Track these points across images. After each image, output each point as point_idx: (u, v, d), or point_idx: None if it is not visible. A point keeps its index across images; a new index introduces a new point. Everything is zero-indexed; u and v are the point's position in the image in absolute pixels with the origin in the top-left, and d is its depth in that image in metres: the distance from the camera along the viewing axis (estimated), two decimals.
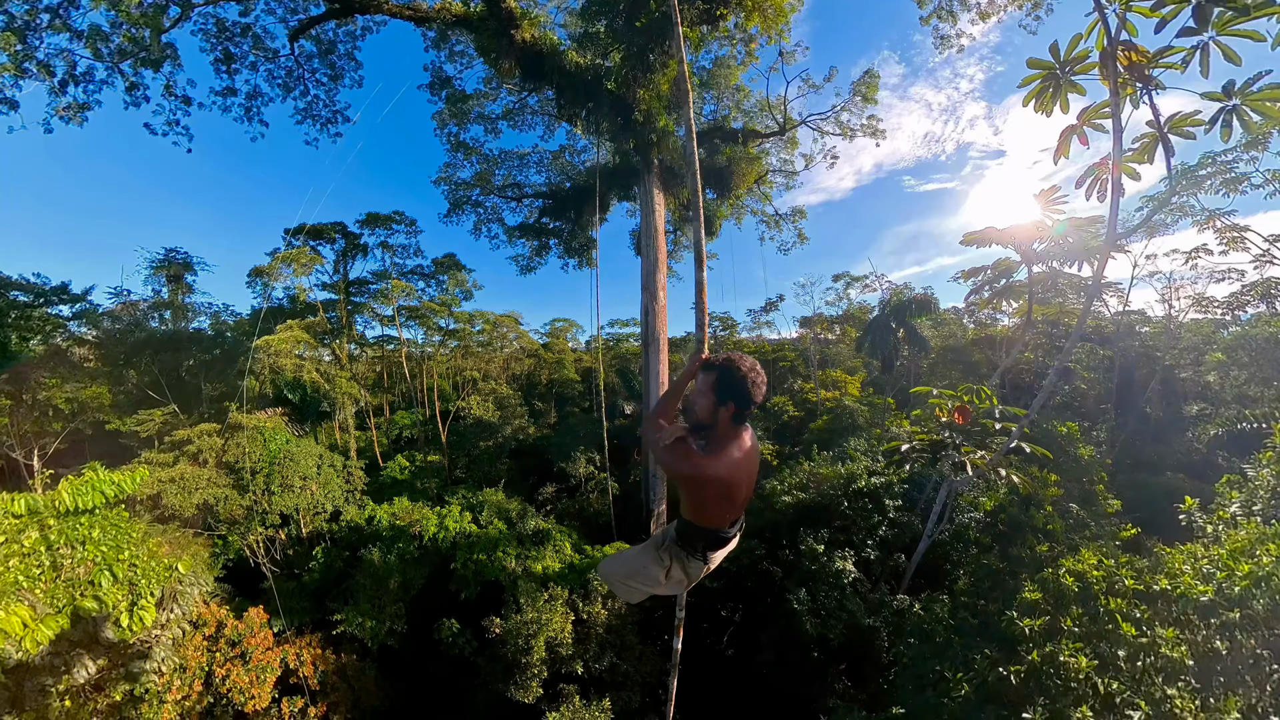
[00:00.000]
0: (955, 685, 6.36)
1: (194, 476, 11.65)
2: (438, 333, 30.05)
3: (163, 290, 19.68)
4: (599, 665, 10.69)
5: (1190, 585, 4.95)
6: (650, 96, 13.49)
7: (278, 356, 16.59)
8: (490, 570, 13.81)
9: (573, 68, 13.71)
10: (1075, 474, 11.23)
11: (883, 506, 11.47)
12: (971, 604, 7.63)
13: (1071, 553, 7.09)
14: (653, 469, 17.25)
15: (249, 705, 8.79)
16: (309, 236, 21.40)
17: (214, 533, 12.41)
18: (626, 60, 12.93)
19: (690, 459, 2.17)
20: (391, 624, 12.63)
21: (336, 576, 14.03)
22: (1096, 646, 5.25)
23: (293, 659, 10.17)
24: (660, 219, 17.35)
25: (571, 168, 21.35)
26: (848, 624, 9.30)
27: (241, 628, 9.75)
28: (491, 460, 23.27)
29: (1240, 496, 6.54)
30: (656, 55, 12.77)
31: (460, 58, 16.23)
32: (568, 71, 13.75)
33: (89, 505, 7.52)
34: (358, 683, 10.88)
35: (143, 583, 7.86)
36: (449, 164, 20.23)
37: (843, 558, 10.23)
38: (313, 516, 15.25)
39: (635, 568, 2.72)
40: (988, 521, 9.82)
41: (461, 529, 16.31)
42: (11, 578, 5.43)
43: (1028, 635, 5.87)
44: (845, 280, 33.15)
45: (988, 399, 8.40)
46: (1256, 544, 4.94)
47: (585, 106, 14.75)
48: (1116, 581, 5.81)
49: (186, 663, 8.28)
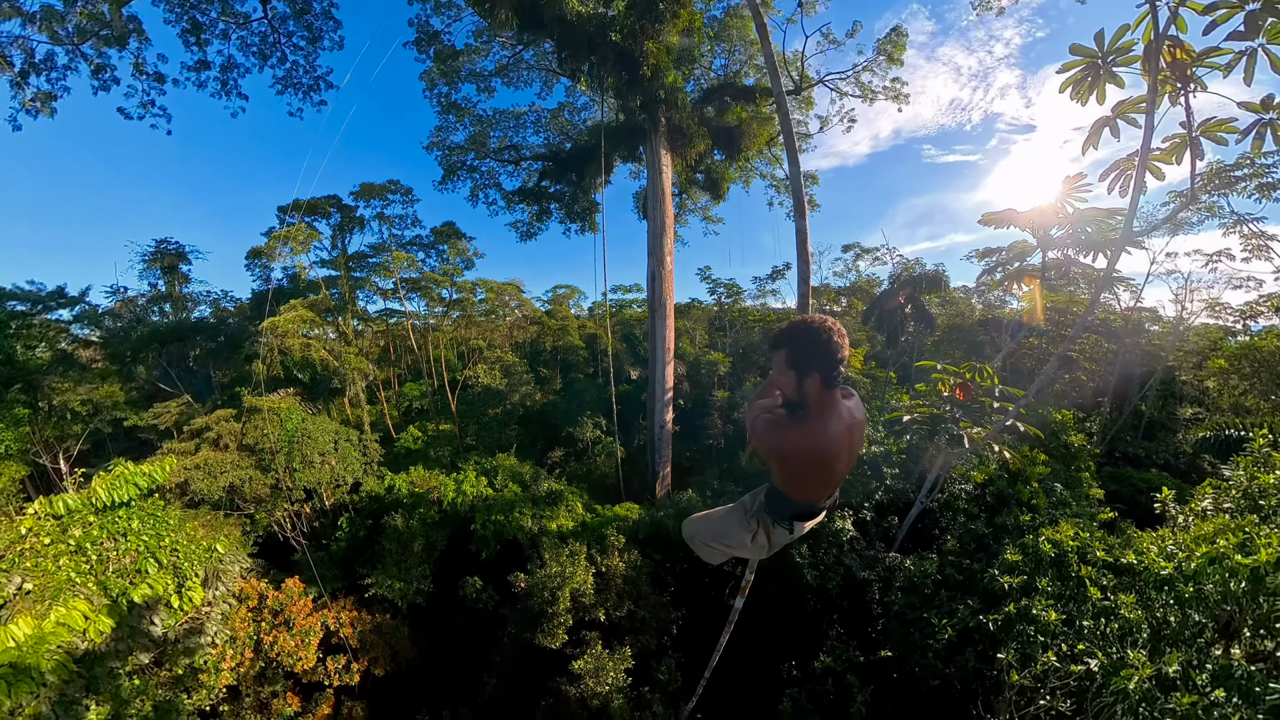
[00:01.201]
0: (940, 630, 7.03)
1: (217, 461, 12.23)
2: (440, 303, 30.06)
3: (159, 283, 19.65)
4: (619, 613, 11.50)
5: (1153, 561, 5.38)
6: (658, 49, 12.65)
7: (284, 338, 16.85)
8: (509, 530, 14.61)
9: (574, 17, 12.63)
10: (1064, 459, 11.64)
11: (880, 473, 11.99)
12: (958, 562, 8.28)
13: (1052, 525, 7.57)
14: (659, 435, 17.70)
15: (297, 666, 9.68)
16: (304, 212, 21.11)
17: (242, 512, 13.15)
18: (633, 9, 12.02)
19: (775, 431, 2.04)
20: (419, 584, 13.54)
21: (362, 544, 14.91)
22: (1066, 606, 5.78)
23: (332, 622, 11.04)
24: (668, 181, 16.75)
25: (571, 127, 20.27)
26: (844, 577, 10.03)
27: (282, 598, 10.55)
28: (500, 427, 23.92)
29: (1213, 493, 6.91)
30: (666, 3, 11.86)
31: (448, 9, 15.16)
32: (568, 21, 12.69)
33: (124, 498, 8.01)
34: (393, 639, 11.84)
35: (186, 566, 8.48)
36: (441, 127, 19.35)
37: (842, 518, 10.90)
38: (334, 489, 16.01)
39: (721, 530, 2.68)
40: (977, 493, 10.38)
41: (479, 493, 17.07)
42: (64, 575, 5.92)
43: (1006, 591, 6.41)
44: (855, 251, 32.55)
45: (989, 378, 8.58)
46: (1218, 535, 5.29)
47: (588, 60, 13.83)
48: (1089, 552, 6.34)
49: (236, 634, 9.06)
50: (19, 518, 6.08)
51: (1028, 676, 5.41)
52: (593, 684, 9.09)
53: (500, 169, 20.61)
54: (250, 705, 8.98)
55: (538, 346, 35.67)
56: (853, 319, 32.82)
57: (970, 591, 7.41)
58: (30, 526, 5.96)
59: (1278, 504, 5.95)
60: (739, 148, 17.29)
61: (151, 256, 19.66)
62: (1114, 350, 19.94)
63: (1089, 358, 20.36)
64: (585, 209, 20.69)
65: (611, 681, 9.23)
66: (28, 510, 6.13)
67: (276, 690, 9.34)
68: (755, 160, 19.68)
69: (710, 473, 18.25)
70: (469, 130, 19.50)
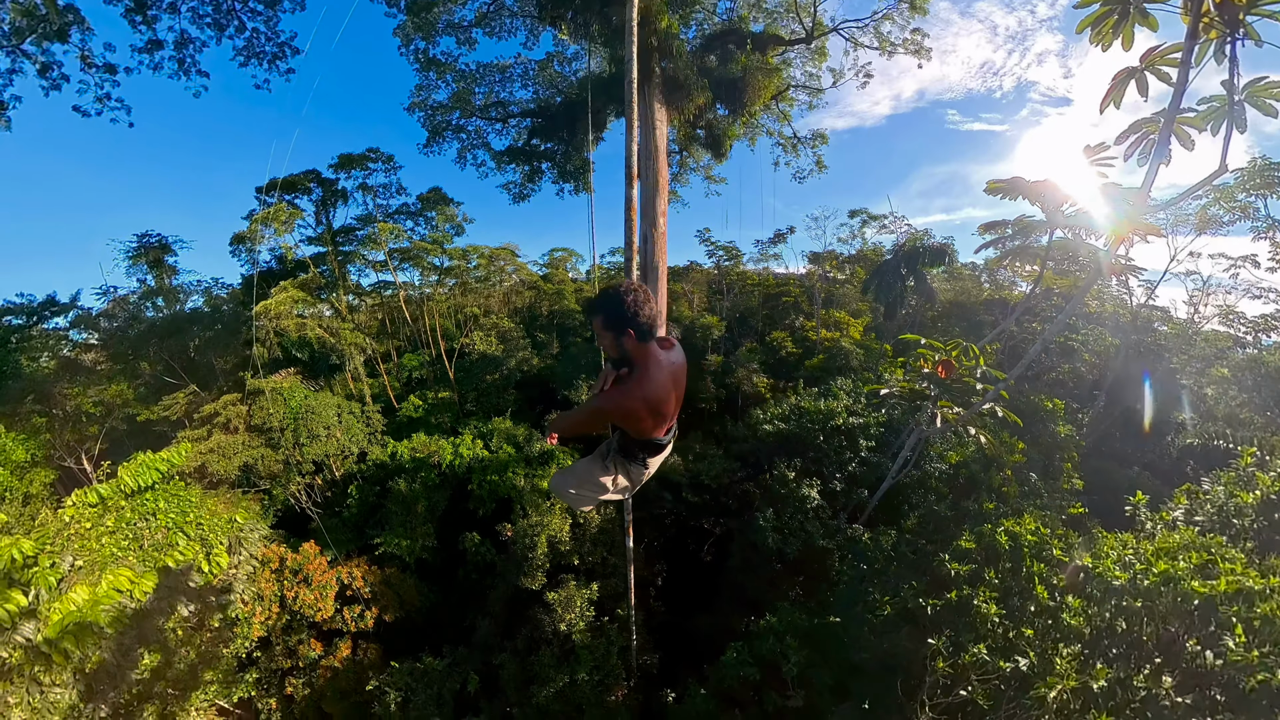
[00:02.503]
0: (880, 605, 7.12)
1: (230, 444, 13.39)
2: (433, 272, 30.22)
3: (148, 278, 19.77)
4: (592, 558, 12.86)
5: (1109, 569, 5.22)
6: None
7: (279, 320, 17.63)
8: (502, 488, 15.91)
9: None
10: (1048, 448, 11.40)
11: (856, 445, 12.14)
12: (914, 542, 8.31)
13: (1016, 516, 7.35)
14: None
15: (318, 616, 11.18)
16: (283, 190, 21.19)
17: (259, 489, 14.47)
18: None
19: (615, 397, 2.29)
20: (423, 541, 15.02)
21: (371, 508, 16.35)
22: (1010, 600, 5.79)
23: (345, 577, 12.51)
24: (662, 137, 15.31)
25: (561, 79, 18.54)
26: (805, 543, 10.36)
27: (300, 559, 11.96)
28: (499, 392, 24.88)
29: (1186, 504, 6.68)
30: None
31: None
32: None
33: (149, 483, 9.15)
34: (401, 589, 13.38)
35: (211, 536, 9.73)
36: (421, 86, 17.94)
37: (810, 485, 11.09)
38: (342, 460, 17.31)
39: (582, 478, 2.92)
40: (950, 474, 10.34)
41: (475, 455, 18.32)
42: (107, 552, 7.08)
43: (954, 577, 6.41)
44: (862, 218, 30.89)
45: (975, 358, 8.44)
46: (1181, 550, 5.14)
47: (570, 4, 12.79)
48: (1045, 549, 6.21)
49: (262, 592, 10.47)
50: (60, 509, 7.18)
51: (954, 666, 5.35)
52: (562, 612, 10.51)
53: (488, 128, 19.28)
54: (280, 651, 10.54)
55: (534, 311, 35.82)
56: (854, 288, 32.22)
57: (919, 572, 7.34)
58: (72, 515, 7.06)
59: (1251, 525, 5.72)
60: (743, 102, 15.90)
61: (135, 252, 19.64)
62: (1117, 345, 19.42)
63: (1091, 350, 19.80)
64: (578, 168, 19.45)
65: (578, 610, 10.63)
66: (66, 502, 7.22)
67: (301, 638, 10.89)
68: (761, 116, 18.18)
69: (694, 436, 19.28)
70: (451, 88, 18.22)
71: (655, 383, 2.28)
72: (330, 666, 11.18)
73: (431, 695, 10.70)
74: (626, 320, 2.15)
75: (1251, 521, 5.78)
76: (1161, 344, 19.89)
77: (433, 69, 17.33)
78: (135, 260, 19.59)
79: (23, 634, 5.33)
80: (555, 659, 10.35)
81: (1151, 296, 22.62)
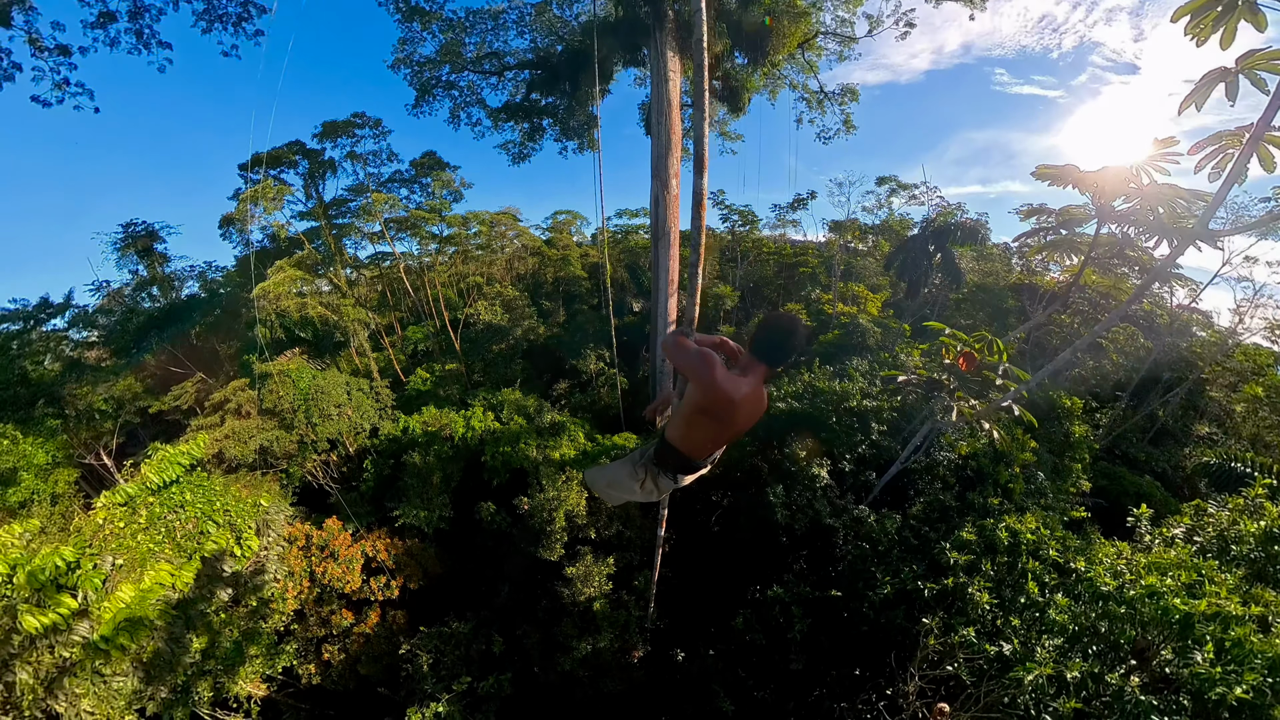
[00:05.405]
0: (881, 585, 7.58)
1: (244, 428, 13.73)
2: (432, 241, 29.53)
3: (139, 268, 19.36)
4: (608, 531, 13.42)
5: (1099, 575, 5.42)
6: None
7: (278, 300, 17.57)
8: (515, 459, 16.36)
9: None
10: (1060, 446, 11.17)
11: (868, 427, 12.13)
12: (918, 528, 8.60)
13: (1019, 513, 7.59)
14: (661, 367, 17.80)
15: (346, 587, 11.86)
16: (268, 165, 20.54)
17: (277, 469, 14.94)
18: None
19: (711, 364, 2.27)
20: (440, 512, 15.62)
21: (387, 481, 16.90)
22: (1003, 591, 6.13)
23: (369, 550, 13.15)
24: (675, 89, 14.20)
25: (562, 24, 16.61)
26: (812, 520, 10.59)
27: (325, 535, 12.55)
28: (506, 362, 24.96)
29: (1189, 522, 6.70)
30: None
31: None
32: None
33: (173, 477, 9.49)
34: (423, 559, 14.09)
35: (239, 521, 10.18)
36: (405, 40, 16.41)
37: (820, 465, 11.27)
38: (355, 436, 17.75)
39: (614, 479, 3.01)
40: (958, 464, 10.38)
41: (487, 427, 18.69)
42: (144, 549, 7.46)
43: (952, 565, 6.76)
44: (890, 186, 28.61)
45: (999, 353, 8.25)
46: (1172, 569, 5.27)
47: None
48: (1042, 548, 6.50)
49: (292, 569, 11.06)
50: (92, 512, 7.52)
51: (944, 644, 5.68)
52: (581, 586, 11.10)
53: (482, 82, 17.70)
54: (314, 622, 11.27)
55: (539, 278, 34.74)
56: (876, 260, 30.77)
57: (920, 557, 7.62)
58: (105, 516, 7.41)
59: (1249, 553, 5.81)
60: (765, 50, 14.49)
61: (123, 243, 19.04)
62: (1149, 348, 18.32)
63: (1121, 350, 18.93)
64: (583, 124, 17.97)
65: (596, 585, 11.22)
66: (96, 504, 7.56)
67: (333, 609, 11.59)
68: (785, 66, 16.59)
69: None
70: (439, 39, 16.54)
71: (743, 395, 2.31)
72: (362, 633, 11.98)
73: (460, 656, 11.51)
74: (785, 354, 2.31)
75: (1250, 550, 5.81)
76: (1197, 350, 18.90)
77: (416, 18, 15.78)
78: (124, 251, 19.06)
79: (79, 633, 5.74)
80: (577, 630, 11.02)
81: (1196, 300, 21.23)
